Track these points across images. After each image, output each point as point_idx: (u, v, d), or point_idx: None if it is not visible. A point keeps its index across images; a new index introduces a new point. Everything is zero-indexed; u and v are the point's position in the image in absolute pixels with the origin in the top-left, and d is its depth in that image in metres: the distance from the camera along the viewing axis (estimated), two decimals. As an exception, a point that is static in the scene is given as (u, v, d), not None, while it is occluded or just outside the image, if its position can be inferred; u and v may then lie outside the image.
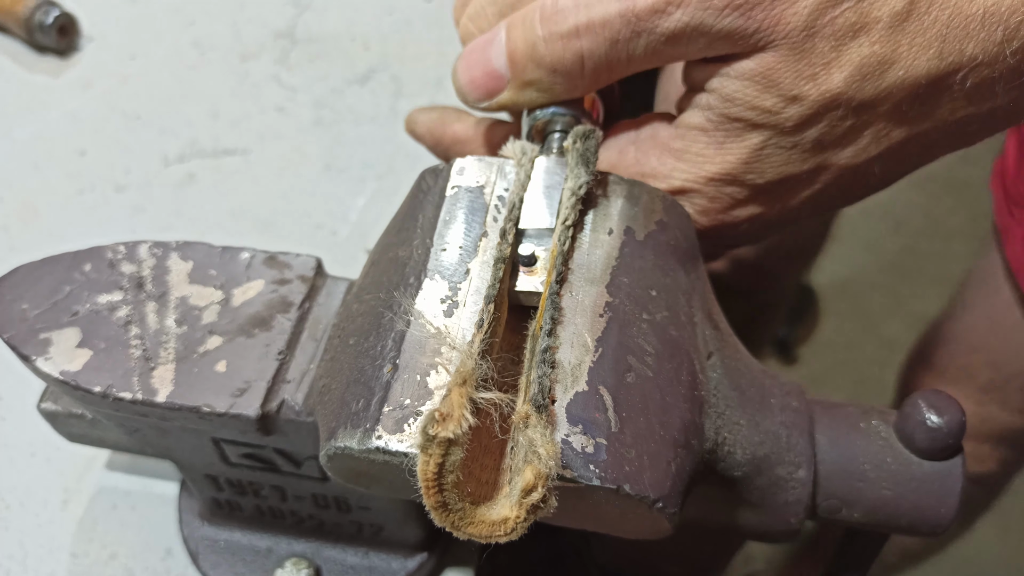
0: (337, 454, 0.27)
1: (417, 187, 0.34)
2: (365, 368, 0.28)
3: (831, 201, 0.35)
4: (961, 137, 0.34)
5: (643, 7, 0.29)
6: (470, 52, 0.33)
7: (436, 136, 0.39)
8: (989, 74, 0.30)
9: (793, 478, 0.32)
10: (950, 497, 0.32)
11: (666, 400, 0.28)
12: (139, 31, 0.68)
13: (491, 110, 0.34)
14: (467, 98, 0.34)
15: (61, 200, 0.59)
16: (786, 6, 0.29)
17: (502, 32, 0.32)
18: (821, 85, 0.30)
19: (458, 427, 0.23)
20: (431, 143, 0.40)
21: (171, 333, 0.33)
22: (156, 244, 0.36)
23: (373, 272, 0.32)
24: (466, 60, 0.33)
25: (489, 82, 0.33)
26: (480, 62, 0.32)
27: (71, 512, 0.45)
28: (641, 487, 0.26)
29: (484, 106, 0.33)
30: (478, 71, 0.33)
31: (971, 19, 0.29)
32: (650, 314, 0.29)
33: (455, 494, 0.24)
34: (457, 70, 0.33)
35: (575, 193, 0.30)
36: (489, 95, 0.33)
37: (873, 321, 1.80)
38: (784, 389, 0.33)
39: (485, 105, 0.33)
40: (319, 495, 0.37)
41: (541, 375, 0.26)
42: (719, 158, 0.32)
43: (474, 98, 0.33)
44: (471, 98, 0.34)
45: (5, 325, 0.34)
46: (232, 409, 0.31)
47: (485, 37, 0.33)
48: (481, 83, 0.33)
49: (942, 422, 0.31)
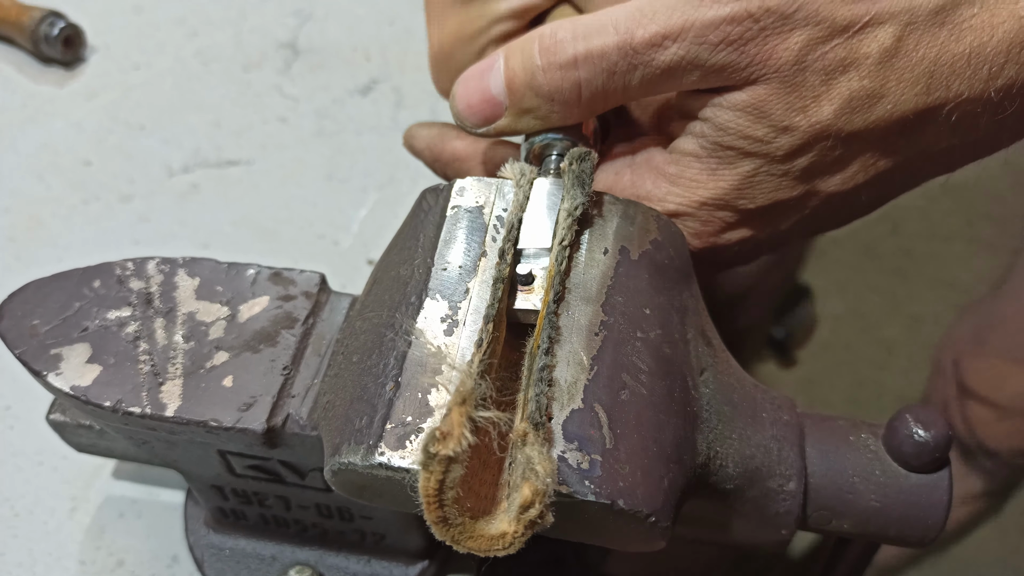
0: (341, 469, 0.28)
1: (418, 206, 0.34)
2: (368, 385, 0.29)
3: (819, 225, 0.36)
4: (945, 165, 0.35)
5: (640, 40, 0.30)
6: (467, 78, 0.34)
7: (435, 152, 0.40)
8: (974, 109, 0.31)
9: (784, 490, 0.33)
10: (937, 509, 0.33)
11: (659, 417, 0.29)
12: (143, 41, 0.69)
13: (489, 135, 0.34)
14: (465, 123, 0.35)
15: (66, 210, 0.59)
16: (778, 42, 0.30)
17: (500, 60, 0.33)
18: (811, 117, 0.31)
19: (458, 445, 0.24)
20: (430, 159, 0.41)
21: (179, 348, 0.34)
22: (164, 260, 0.37)
23: (376, 290, 0.33)
24: (463, 86, 0.34)
25: (487, 108, 0.33)
26: (478, 89, 0.33)
27: (78, 520, 0.46)
28: (635, 502, 0.27)
29: (482, 131, 0.34)
30: (476, 98, 0.33)
31: (958, 58, 0.30)
32: (644, 332, 0.30)
33: (455, 509, 0.25)
34: (455, 96, 0.34)
35: (571, 214, 0.31)
36: (487, 121, 0.34)
37: (871, 323, 1.81)
38: (775, 403, 0.34)
39: (483, 131, 0.34)
40: (323, 505, 0.38)
41: (538, 393, 0.27)
42: (712, 184, 0.33)
43: (472, 123, 0.34)
44: (469, 123, 0.34)
45: (17, 341, 0.35)
46: (239, 424, 0.32)
47: (482, 64, 0.34)
48: (479, 109, 0.34)
49: (929, 436, 0.32)
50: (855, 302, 1.81)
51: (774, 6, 0.30)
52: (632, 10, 0.31)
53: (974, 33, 0.30)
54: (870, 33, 0.30)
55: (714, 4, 0.30)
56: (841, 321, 1.78)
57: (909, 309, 1.76)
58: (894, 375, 1.70)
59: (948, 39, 0.30)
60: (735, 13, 0.30)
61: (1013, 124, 0.33)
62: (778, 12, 0.30)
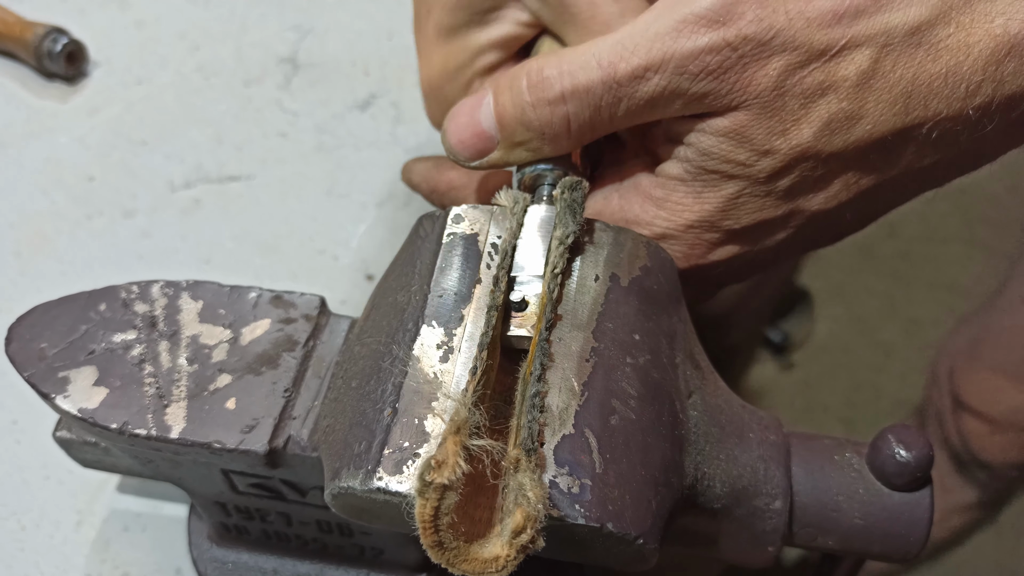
0: (341, 493, 0.29)
1: (415, 232, 0.35)
2: (367, 411, 0.30)
3: (807, 242, 0.37)
4: (930, 181, 0.36)
5: (623, 74, 0.31)
6: (457, 114, 0.35)
7: (431, 184, 0.41)
8: (953, 127, 0.32)
9: (770, 509, 0.34)
10: (919, 526, 0.34)
11: (648, 441, 0.30)
12: (145, 56, 0.70)
13: (483, 168, 0.35)
14: (458, 158, 0.36)
15: (70, 225, 0.60)
16: (756, 69, 0.31)
17: (489, 96, 0.34)
18: (791, 140, 0.32)
19: (452, 474, 0.25)
20: (427, 190, 0.42)
21: (183, 371, 0.35)
22: (168, 284, 0.38)
23: (374, 315, 0.34)
24: (454, 122, 0.35)
25: (479, 143, 0.35)
26: (469, 125, 0.34)
27: (84, 533, 0.47)
28: (623, 525, 0.28)
29: (475, 164, 0.35)
30: (467, 133, 0.35)
31: (935, 77, 0.31)
32: (633, 358, 0.31)
33: (450, 534, 0.26)
34: (446, 132, 0.35)
35: (563, 242, 0.32)
36: (480, 155, 0.35)
37: (868, 326, 1.82)
38: (763, 423, 0.35)
39: (476, 164, 0.35)
40: (323, 521, 0.39)
41: (531, 420, 0.28)
42: (697, 206, 0.34)
43: (465, 157, 0.35)
44: (462, 158, 0.35)
45: (25, 364, 0.36)
46: (242, 445, 0.33)
47: (471, 100, 0.35)
48: (471, 144, 0.35)
49: (910, 456, 0.33)
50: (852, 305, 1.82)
51: (751, 34, 0.30)
52: (614, 43, 0.32)
53: (950, 53, 0.31)
54: (847, 56, 0.31)
55: (692, 35, 0.31)
56: (838, 324, 1.78)
57: (907, 312, 1.77)
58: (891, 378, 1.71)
59: (925, 59, 0.31)
60: (713, 43, 0.31)
61: (994, 139, 0.34)
62: (756, 40, 0.30)
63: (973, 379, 0.90)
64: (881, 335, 1.75)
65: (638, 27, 0.31)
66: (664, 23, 0.31)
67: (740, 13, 0.30)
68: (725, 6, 0.30)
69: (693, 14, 0.31)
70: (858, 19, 0.30)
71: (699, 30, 0.31)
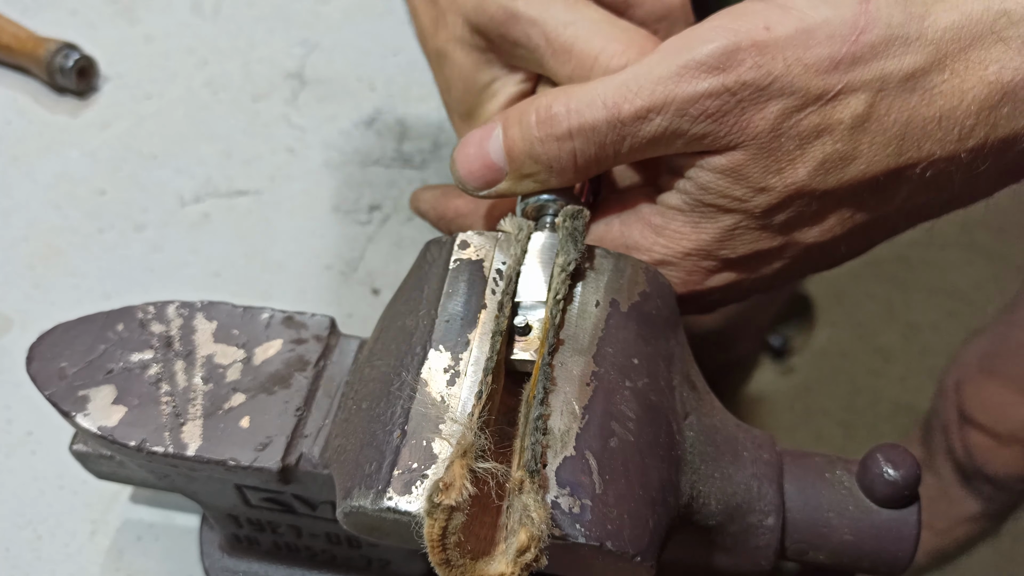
0: (353, 512, 0.30)
1: (422, 257, 0.37)
2: (377, 433, 0.32)
3: (802, 270, 0.38)
4: (924, 217, 0.37)
5: (627, 114, 0.33)
6: (466, 145, 0.36)
7: (439, 211, 0.43)
8: (946, 167, 0.33)
9: (763, 525, 0.35)
10: (906, 542, 0.35)
11: (645, 462, 0.31)
12: (154, 71, 0.72)
13: (490, 197, 0.37)
14: (466, 187, 0.37)
15: (82, 239, 0.62)
16: (754, 112, 0.32)
17: (498, 129, 0.35)
18: (787, 179, 0.33)
19: (459, 495, 0.27)
20: (435, 218, 0.43)
21: (198, 390, 0.37)
22: (183, 304, 0.39)
23: (383, 338, 0.36)
24: (463, 153, 0.36)
25: (488, 174, 0.36)
26: (478, 156, 0.36)
27: (98, 543, 0.48)
28: (621, 543, 0.29)
29: (483, 194, 0.37)
30: (476, 164, 0.36)
31: (928, 121, 0.32)
32: (632, 381, 0.33)
33: (457, 552, 0.28)
34: (455, 161, 0.37)
35: (565, 269, 0.33)
36: (488, 185, 0.36)
37: (868, 330, 1.83)
38: (756, 441, 0.37)
39: (484, 193, 0.37)
40: (332, 533, 0.41)
41: (534, 442, 0.30)
42: (694, 236, 0.36)
43: (473, 187, 0.37)
44: (471, 187, 0.37)
45: (46, 383, 0.37)
46: (256, 463, 0.35)
47: (480, 132, 0.36)
48: (480, 174, 0.36)
49: (898, 475, 0.35)
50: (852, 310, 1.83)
51: (750, 80, 0.32)
52: (619, 85, 0.33)
53: (944, 98, 0.32)
54: (843, 101, 0.32)
55: (693, 79, 0.32)
56: (838, 328, 1.80)
57: (906, 317, 1.78)
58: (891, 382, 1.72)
59: (919, 104, 0.32)
60: (713, 88, 0.32)
61: (988, 179, 0.35)
62: (754, 85, 0.32)
63: (981, 393, 0.91)
64: (880, 340, 1.76)
65: (642, 70, 0.33)
66: (667, 67, 0.32)
67: (740, 60, 0.31)
68: (726, 53, 0.32)
69: (694, 60, 0.32)
70: (855, 66, 0.31)
71: (700, 75, 0.32)
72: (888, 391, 1.73)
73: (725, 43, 0.32)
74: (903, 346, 1.86)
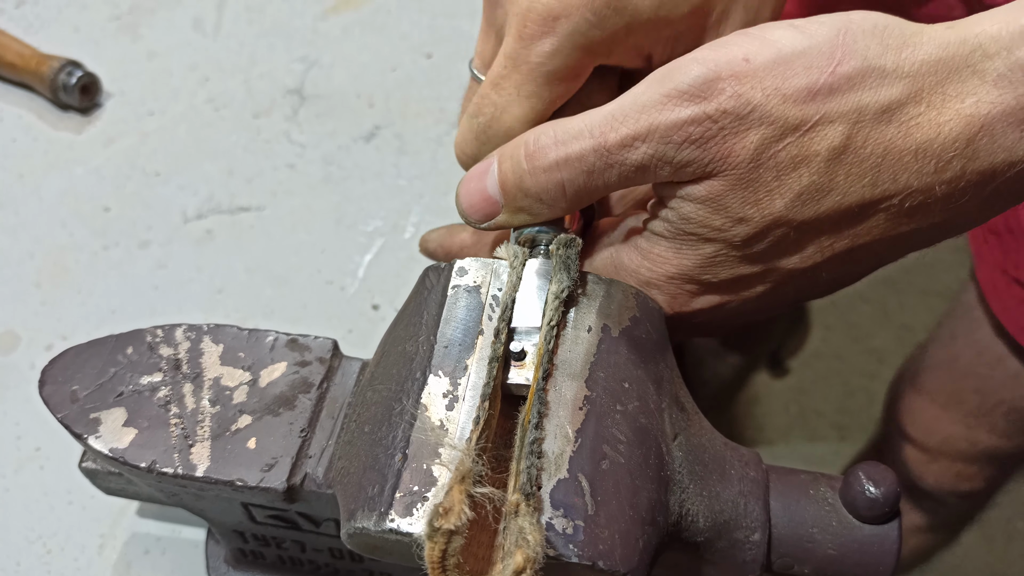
0: (356, 533, 0.32)
1: (421, 283, 0.38)
2: (379, 456, 0.33)
3: (788, 295, 0.39)
4: (912, 246, 0.37)
5: (613, 142, 0.34)
6: (469, 179, 0.38)
7: (446, 248, 0.45)
8: (924, 199, 0.34)
9: (749, 541, 0.37)
10: (887, 556, 0.37)
11: (636, 483, 0.33)
12: (157, 88, 0.73)
13: (491, 229, 0.38)
14: (469, 220, 0.38)
15: (88, 256, 0.63)
16: (735, 140, 0.33)
17: (494, 164, 0.37)
18: (764, 209, 0.34)
19: (458, 519, 0.28)
20: (443, 255, 0.45)
21: (206, 412, 0.38)
22: (190, 327, 0.41)
23: (384, 363, 0.37)
24: (466, 187, 0.38)
25: (486, 207, 0.37)
26: (478, 190, 0.37)
27: (107, 556, 0.50)
28: (613, 563, 0.31)
29: (484, 226, 0.38)
30: (476, 198, 0.37)
31: (905, 153, 0.33)
32: (623, 405, 0.34)
33: (456, 573, 0.29)
34: (459, 195, 0.38)
35: (558, 296, 0.35)
36: (488, 217, 0.38)
37: (862, 333, 1.84)
38: (743, 459, 0.38)
39: (485, 226, 0.38)
40: (335, 548, 0.42)
41: (529, 465, 0.31)
42: (676, 261, 0.37)
43: (475, 220, 0.38)
44: (472, 220, 0.38)
45: (59, 405, 0.38)
46: (262, 483, 0.36)
47: (481, 167, 0.37)
48: (479, 208, 0.38)
49: (879, 493, 0.36)
50: (846, 312, 1.84)
51: (730, 108, 0.33)
52: (606, 114, 0.34)
53: (921, 131, 0.33)
54: (820, 132, 0.33)
55: (676, 107, 0.33)
56: (832, 331, 1.81)
57: (900, 319, 1.80)
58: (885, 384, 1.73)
59: (896, 136, 0.33)
60: (695, 115, 0.33)
61: (969, 210, 0.35)
62: (734, 113, 0.33)
63: (912, 407, 0.92)
64: (874, 342, 1.78)
65: (627, 100, 0.34)
66: (650, 96, 0.34)
67: (720, 89, 0.33)
68: (706, 82, 0.33)
69: (676, 89, 0.33)
70: (831, 97, 0.33)
71: (682, 103, 0.33)
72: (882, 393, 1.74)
73: (705, 72, 0.33)
74: (897, 348, 1.87)
